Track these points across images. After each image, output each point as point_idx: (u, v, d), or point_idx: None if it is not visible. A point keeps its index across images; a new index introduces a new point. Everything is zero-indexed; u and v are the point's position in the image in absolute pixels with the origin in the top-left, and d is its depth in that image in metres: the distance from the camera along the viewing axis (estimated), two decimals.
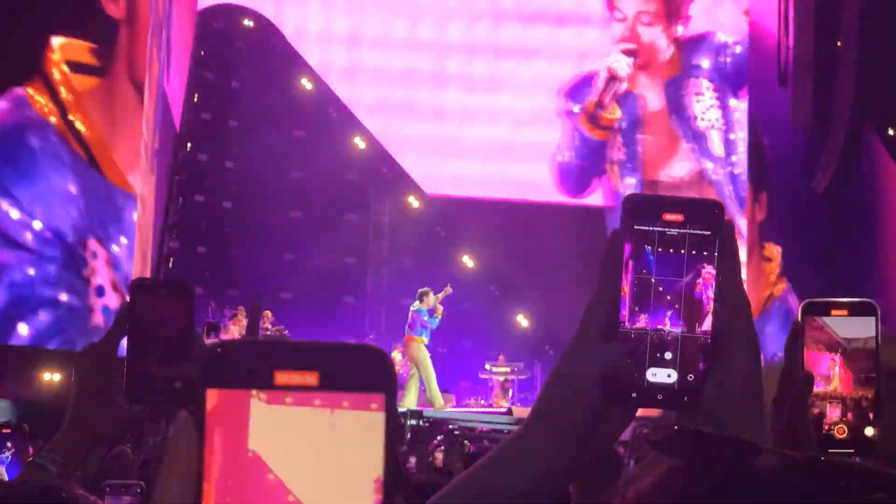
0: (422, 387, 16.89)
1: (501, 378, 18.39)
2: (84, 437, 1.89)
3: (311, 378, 0.81)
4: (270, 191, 20.01)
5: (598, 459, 1.23)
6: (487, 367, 18.34)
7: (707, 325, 1.25)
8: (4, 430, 3.29)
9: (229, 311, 17.46)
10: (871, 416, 1.64)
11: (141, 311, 1.86)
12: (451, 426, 15.71)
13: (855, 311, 1.65)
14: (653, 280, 1.26)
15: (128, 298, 1.88)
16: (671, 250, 1.26)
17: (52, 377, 14.94)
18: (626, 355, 1.25)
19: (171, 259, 18.96)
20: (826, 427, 1.65)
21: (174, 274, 19.05)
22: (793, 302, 20.66)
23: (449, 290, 17.18)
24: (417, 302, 16.75)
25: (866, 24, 17.90)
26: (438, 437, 13.70)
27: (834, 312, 1.65)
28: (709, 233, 1.26)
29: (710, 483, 1.11)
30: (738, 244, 1.29)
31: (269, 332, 16.98)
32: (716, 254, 1.26)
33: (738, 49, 20.71)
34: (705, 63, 20.75)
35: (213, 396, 0.81)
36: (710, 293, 1.26)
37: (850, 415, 1.65)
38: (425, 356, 16.60)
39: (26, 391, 14.43)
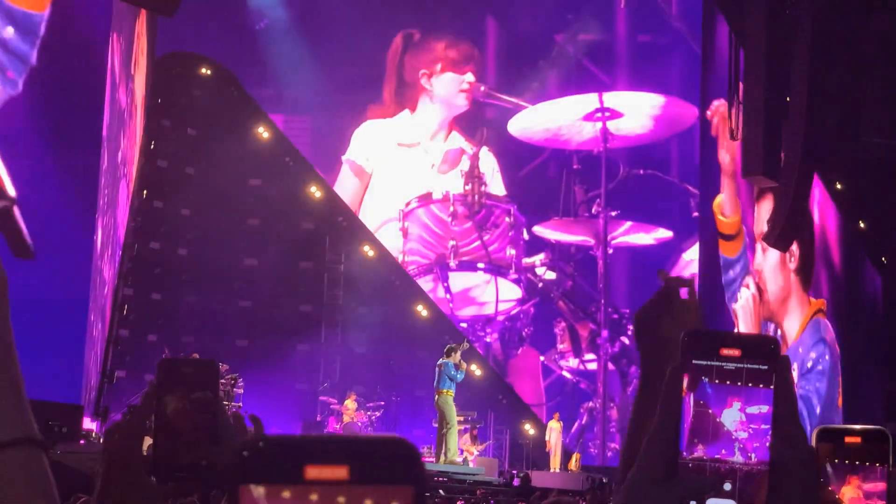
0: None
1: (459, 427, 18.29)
2: None
3: (341, 472, 0.81)
4: (226, 238, 19.87)
5: None
6: None
7: (765, 456, 1.28)
8: None
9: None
10: None
11: (167, 390, 1.85)
12: None
13: (868, 439, 1.65)
14: (711, 412, 1.29)
15: (155, 378, 1.87)
16: (728, 383, 1.29)
17: None
18: (687, 491, 1.27)
19: (126, 306, 18.76)
20: None
21: (128, 320, 18.90)
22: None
23: (466, 345, 17.39)
24: (444, 357, 16.67)
25: (816, 78, 18.11)
26: None
27: (847, 440, 1.65)
28: (765, 367, 1.29)
29: None
30: (793, 378, 1.31)
31: (222, 381, 16.77)
32: (772, 387, 1.29)
33: None
34: None
35: (245, 492, 0.81)
36: (768, 425, 1.28)
37: None
38: (452, 410, 16.55)
39: None
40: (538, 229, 22.56)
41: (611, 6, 22.86)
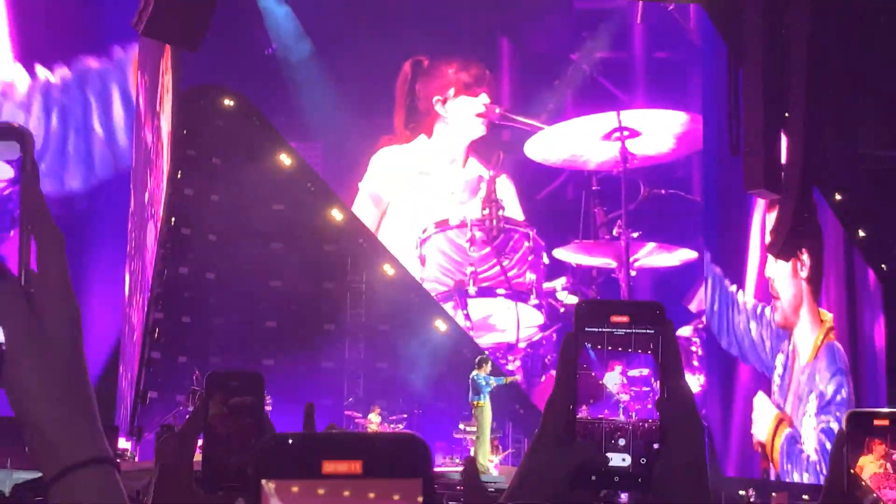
0: None
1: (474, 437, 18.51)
2: None
3: (355, 466, 0.84)
4: (252, 261, 20.05)
5: None
6: (461, 426, 18.48)
7: (647, 414, 1.34)
8: None
9: None
10: None
11: (215, 402, 1.87)
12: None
13: None
14: (594, 375, 1.35)
15: (204, 390, 1.91)
16: (619, 348, 1.35)
17: None
18: (587, 450, 1.33)
19: (157, 329, 18.96)
20: None
21: (159, 343, 19.08)
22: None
23: (509, 380, 17.74)
24: (476, 369, 16.75)
25: (812, 94, 18.33)
26: None
27: (877, 423, 1.62)
28: (652, 331, 1.35)
29: None
30: (676, 339, 1.37)
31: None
32: (659, 349, 1.35)
33: None
34: None
35: (267, 486, 0.84)
36: (648, 387, 1.34)
37: None
38: (485, 421, 16.60)
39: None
40: (558, 253, 21.80)
41: (627, 23, 22.35)
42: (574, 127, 22.09)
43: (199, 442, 1.91)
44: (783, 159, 18.44)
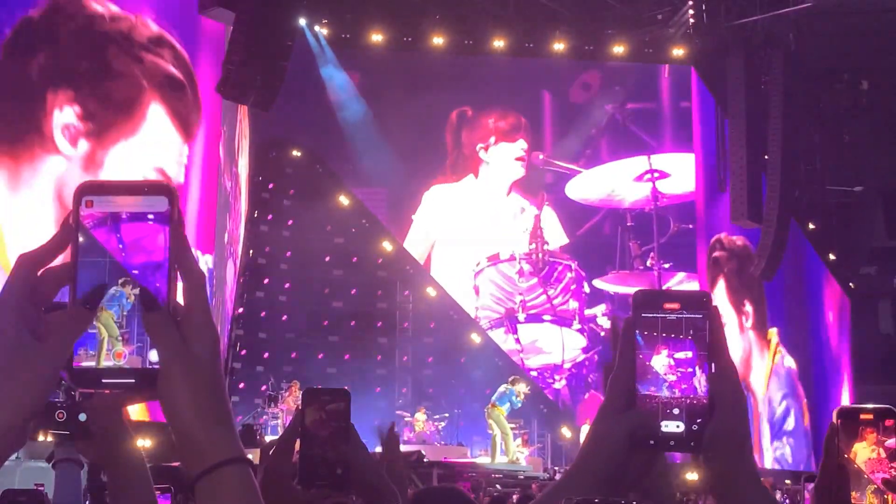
0: None
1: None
2: None
3: None
4: (317, 286, 20.36)
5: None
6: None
7: (704, 386, 1.31)
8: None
9: (285, 384, 17.68)
10: None
11: (313, 410, 1.90)
12: (471, 473, 16.03)
13: (879, 416, 1.61)
14: (641, 357, 1.32)
15: (301, 403, 1.95)
16: (670, 332, 1.31)
17: (143, 443, 15.16)
18: (645, 415, 1.30)
19: (238, 343, 19.24)
20: None
21: (240, 355, 19.37)
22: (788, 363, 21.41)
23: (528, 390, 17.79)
24: (509, 384, 17.10)
25: (787, 139, 18.54)
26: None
27: (862, 417, 1.60)
28: (700, 316, 1.31)
29: None
30: (723, 323, 1.34)
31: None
32: (706, 331, 1.31)
33: None
34: None
35: None
36: (704, 362, 1.31)
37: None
38: (504, 422, 16.99)
39: None
40: (598, 283, 21.16)
41: (654, 77, 21.85)
42: (609, 170, 21.62)
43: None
44: (764, 195, 18.62)
